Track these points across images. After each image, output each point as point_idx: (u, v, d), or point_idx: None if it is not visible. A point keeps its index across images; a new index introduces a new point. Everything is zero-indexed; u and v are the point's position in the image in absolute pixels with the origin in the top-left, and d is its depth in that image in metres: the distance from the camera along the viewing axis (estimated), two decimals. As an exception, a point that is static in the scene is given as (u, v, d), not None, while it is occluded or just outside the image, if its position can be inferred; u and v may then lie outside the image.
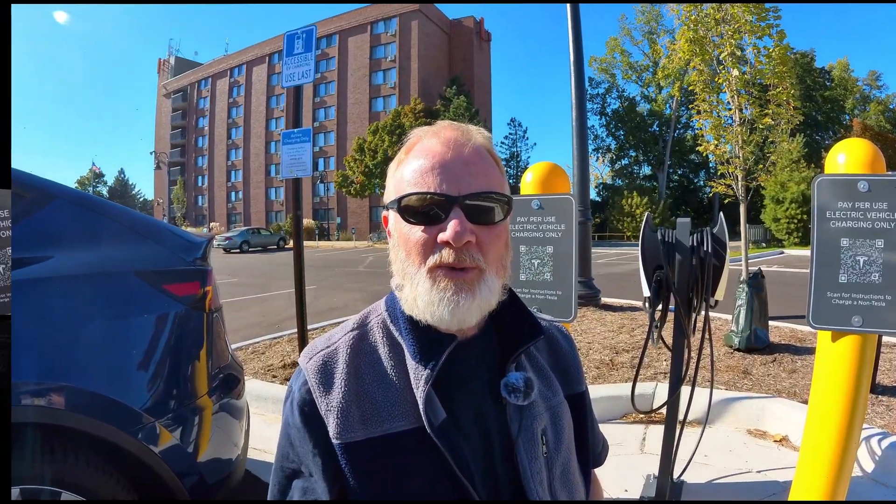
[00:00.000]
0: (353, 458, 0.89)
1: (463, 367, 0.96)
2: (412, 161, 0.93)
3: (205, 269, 2.50)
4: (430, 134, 0.94)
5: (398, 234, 0.94)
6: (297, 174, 5.29)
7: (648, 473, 3.21)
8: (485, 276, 0.90)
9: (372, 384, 0.94)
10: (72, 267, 2.07)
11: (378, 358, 0.97)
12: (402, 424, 0.91)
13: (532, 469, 0.94)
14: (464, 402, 0.95)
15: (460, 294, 0.88)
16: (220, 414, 2.43)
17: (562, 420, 1.04)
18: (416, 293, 0.90)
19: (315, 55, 5.30)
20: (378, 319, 1.02)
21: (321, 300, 12.21)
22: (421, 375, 0.91)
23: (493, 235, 0.92)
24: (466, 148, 0.91)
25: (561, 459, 1.01)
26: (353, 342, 0.99)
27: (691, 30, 6.98)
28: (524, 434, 0.95)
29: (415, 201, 0.89)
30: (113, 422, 1.98)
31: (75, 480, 1.89)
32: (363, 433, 0.90)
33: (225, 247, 37.36)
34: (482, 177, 0.91)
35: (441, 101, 55.85)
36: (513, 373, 0.97)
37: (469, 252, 0.88)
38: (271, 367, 5.66)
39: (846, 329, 2.51)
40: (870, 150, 2.57)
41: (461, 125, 0.96)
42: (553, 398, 1.04)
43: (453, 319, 0.89)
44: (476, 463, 0.91)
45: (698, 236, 2.71)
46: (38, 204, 2.10)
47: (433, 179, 0.89)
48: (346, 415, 0.91)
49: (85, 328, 2.04)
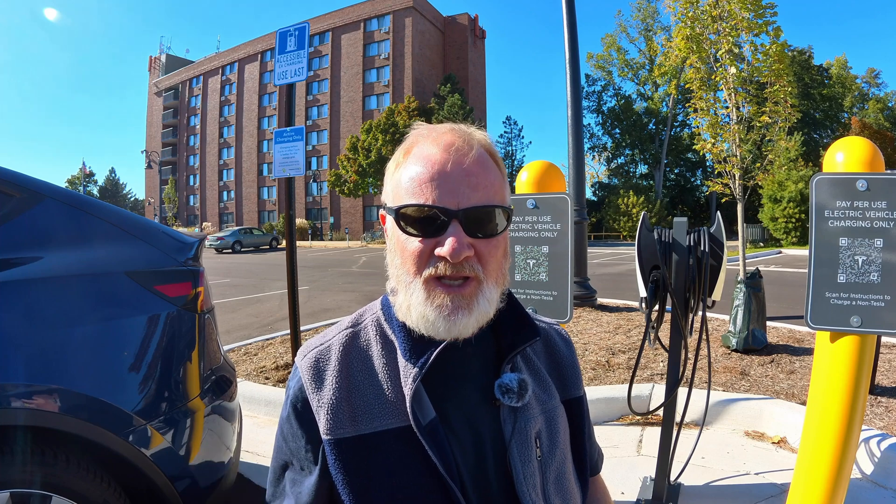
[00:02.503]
0: (341, 454, 0.90)
1: (457, 368, 0.96)
2: (410, 167, 0.90)
3: (196, 269, 2.47)
4: (430, 139, 0.92)
5: (395, 240, 0.93)
6: (289, 173, 5.25)
7: (645, 476, 3.20)
8: (483, 288, 0.89)
9: (364, 382, 0.95)
10: (61, 268, 2.04)
11: (371, 356, 0.97)
12: (391, 422, 0.91)
13: (525, 472, 0.93)
14: (456, 403, 0.94)
15: (457, 312, 0.88)
16: (212, 416, 2.40)
17: (557, 424, 1.03)
18: (411, 302, 0.90)
19: (308, 53, 5.26)
20: (373, 318, 1.03)
21: (314, 301, 12.17)
22: (410, 373, 0.91)
23: (492, 247, 0.91)
24: (467, 158, 0.88)
25: (555, 464, 1.00)
26: (347, 340, 0.99)
27: (688, 27, 6.97)
28: (518, 436, 0.94)
29: (412, 212, 0.88)
30: (103, 424, 1.96)
31: (66, 484, 1.87)
32: (352, 430, 0.91)
33: (217, 247, 37.24)
34: (482, 189, 0.89)
35: (435, 98, 55.79)
36: (507, 374, 0.96)
37: (468, 263, 0.87)
38: (264, 369, 5.63)
39: (845, 329, 2.50)
40: (868, 148, 2.56)
41: (462, 129, 0.94)
42: (549, 401, 1.03)
43: (450, 334, 0.89)
44: (467, 464, 0.91)
45: (695, 236, 2.69)
46: (27, 204, 2.07)
47: (431, 191, 0.87)
48: (337, 411, 0.92)
49: (75, 329, 2.00)
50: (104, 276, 2.16)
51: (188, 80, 79.88)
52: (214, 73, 76.12)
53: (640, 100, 59.97)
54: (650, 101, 58.61)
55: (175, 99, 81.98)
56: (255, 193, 70.65)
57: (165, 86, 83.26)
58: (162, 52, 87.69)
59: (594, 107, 60.60)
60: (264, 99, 70.28)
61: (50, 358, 1.90)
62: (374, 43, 62.25)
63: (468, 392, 0.96)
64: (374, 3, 61.68)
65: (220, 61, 75.78)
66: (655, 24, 55.55)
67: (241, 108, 72.30)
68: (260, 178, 70.11)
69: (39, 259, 2.00)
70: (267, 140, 67.96)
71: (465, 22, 65.97)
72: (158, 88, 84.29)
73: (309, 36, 5.29)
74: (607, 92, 60.93)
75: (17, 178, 2.09)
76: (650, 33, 56.13)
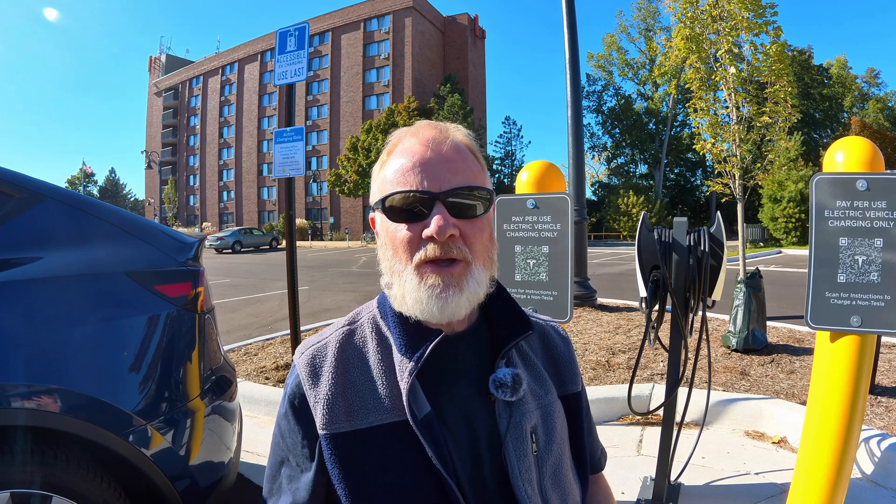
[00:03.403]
0: (337, 448, 0.92)
1: (452, 363, 0.98)
2: (394, 161, 0.95)
3: (196, 269, 2.47)
4: (410, 134, 0.97)
5: (384, 232, 0.96)
6: (289, 173, 5.26)
7: (645, 476, 3.20)
8: (472, 269, 0.93)
9: (360, 378, 0.97)
10: (61, 268, 2.04)
11: (367, 352, 1.00)
12: (387, 417, 0.93)
13: (520, 467, 0.94)
14: (451, 397, 0.96)
15: (448, 290, 0.90)
16: (212, 416, 2.39)
17: (553, 419, 1.04)
18: (405, 290, 0.93)
19: (308, 53, 5.27)
20: (369, 316, 1.05)
21: (314, 301, 12.17)
22: (406, 367, 0.93)
23: (477, 229, 0.94)
24: (445, 146, 0.94)
25: (552, 459, 1.01)
26: (343, 338, 1.01)
27: (687, 27, 6.97)
28: (513, 431, 0.96)
29: (398, 200, 0.92)
30: (103, 424, 1.95)
31: (66, 484, 1.86)
32: (348, 425, 0.93)
33: (217, 247, 37.21)
34: (462, 173, 0.93)
35: (435, 98, 55.75)
36: (501, 368, 0.98)
37: (455, 244, 0.91)
38: (264, 369, 5.62)
39: (845, 329, 2.49)
40: (868, 148, 2.55)
41: (439, 124, 0.99)
42: (545, 397, 1.04)
43: (443, 314, 0.91)
44: (462, 458, 0.93)
45: (695, 236, 2.69)
46: (27, 204, 2.07)
47: (414, 178, 0.91)
48: (333, 407, 0.94)
49: (75, 330, 2.00)
50: (104, 276, 2.15)
51: (188, 81, 79.81)
52: (214, 73, 76.05)
53: (641, 100, 59.94)
54: (650, 100, 58.56)
55: (175, 99, 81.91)
56: (255, 193, 70.60)
57: (165, 86, 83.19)
58: (162, 53, 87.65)
59: (594, 106, 60.55)
60: (264, 99, 70.20)
61: (50, 358, 1.90)
62: (374, 43, 62.19)
63: (463, 387, 0.98)
64: (374, 3, 61.64)
65: (219, 61, 75.71)
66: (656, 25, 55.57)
67: (241, 108, 72.23)
68: (260, 179, 70.05)
69: (39, 259, 2.00)
70: (267, 140, 67.88)
71: (464, 22, 65.92)
72: (158, 89, 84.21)
73: (309, 36, 5.30)
74: (607, 92, 60.96)
75: (17, 178, 2.09)
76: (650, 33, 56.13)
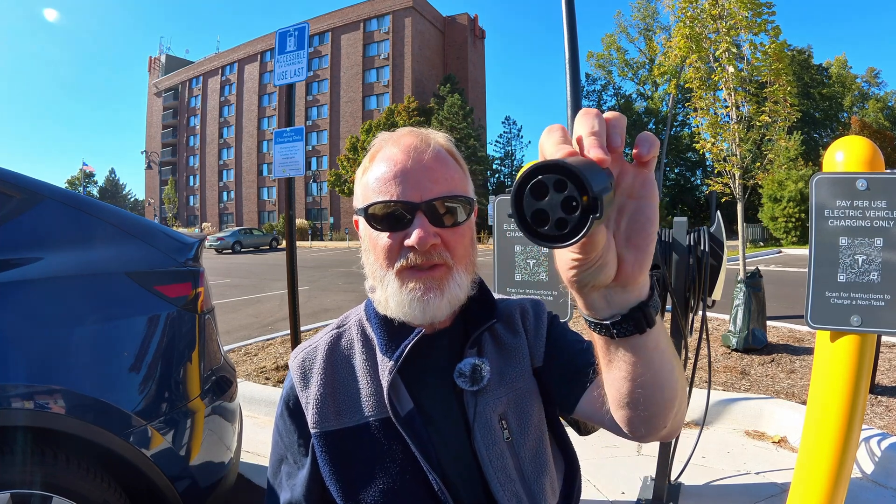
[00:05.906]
0: (327, 446, 0.97)
1: (430, 359, 1.01)
2: (375, 168, 0.96)
3: (196, 269, 2.47)
4: (391, 142, 0.98)
5: (367, 239, 0.98)
6: (289, 173, 5.26)
7: (646, 475, 3.20)
8: (453, 273, 0.94)
9: (347, 378, 1.01)
10: (61, 268, 2.04)
11: (353, 354, 1.04)
12: (372, 415, 0.97)
13: (490, 455, 0.96)
14: (432, 392, 1.00)
15: (429, 293, 0.92)
16: (212, 416, 2.40)
17: (527, 403, 1.04)
18: (387, 294, 0.95)
19: (307, 53, 5.27)
20: (356, 319, 1.09)
21: (314, 301, 12.17)
22: (387, 366, 0.97)
23: (458, 235, 0.95)
24: (426, 154, 0.94)
25: (530, 443, 1.01)
26: (332, 341, 1.06)
27: (687, 26, 6.97)
28: (479, 420, 0.98)
29: (380, 209, 0.93)
30: (104, 425, 1.96)
31: (66, 484, 1.87)
32: (337, 423, 0.98)
33: (217, 247, 37.15)
34: (442, 181, 0.94)
35: (435, 99, 55.72)
36: (465, 359, 1.00)
37: (436, 252, 0.92)
38: (264, 370, 5.62)
39: (845, 329, 2.49)
40: (868, 147, 2.55)
41: (421, 130, 1.00)
42: (517, 380, 1.04)
43: (425, 317, 0.93)
44: (447, 451, 0.96)
45: (695, 235, 2.69)
46: (27, 204, 2.07)
47: (396, 187, 0.92)
48: (322, 407, 0.98)
49: (75, 330, 2.00)
50: (104, 276, 2.16)
51: (188, 81, 79.73)
52: (214, 73, 75.99)
53: (640, 99, 59.97)
54: (650, 100, 58.56)
55: (175, 99, 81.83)
56: (254, 194, 70.52)
57: (165, 86, 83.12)
58: (162, 53, 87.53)
59: (594, 106, 60.40)
60: (264, 99, 70.11)
61: (50, 358, 1.90)
62: (374, 43, 62.14)
63: (441, 381, 1.01)
64: (374, 3, 61.59)
65: (219, 62, 75.64)
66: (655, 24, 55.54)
67: (241, 108, 72.15)
68: (260, 179, 69.96)
69: (40, 259, 2.00)
70: (267, 140, 67.75)
71: (464, 22, 65.83)
72: (158, 89, 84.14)
73: (309, 36, 5.30)
74: (607, 91, 61.02)
75: (17, 178, 2.09)
76: (650, 33, 56.10)
